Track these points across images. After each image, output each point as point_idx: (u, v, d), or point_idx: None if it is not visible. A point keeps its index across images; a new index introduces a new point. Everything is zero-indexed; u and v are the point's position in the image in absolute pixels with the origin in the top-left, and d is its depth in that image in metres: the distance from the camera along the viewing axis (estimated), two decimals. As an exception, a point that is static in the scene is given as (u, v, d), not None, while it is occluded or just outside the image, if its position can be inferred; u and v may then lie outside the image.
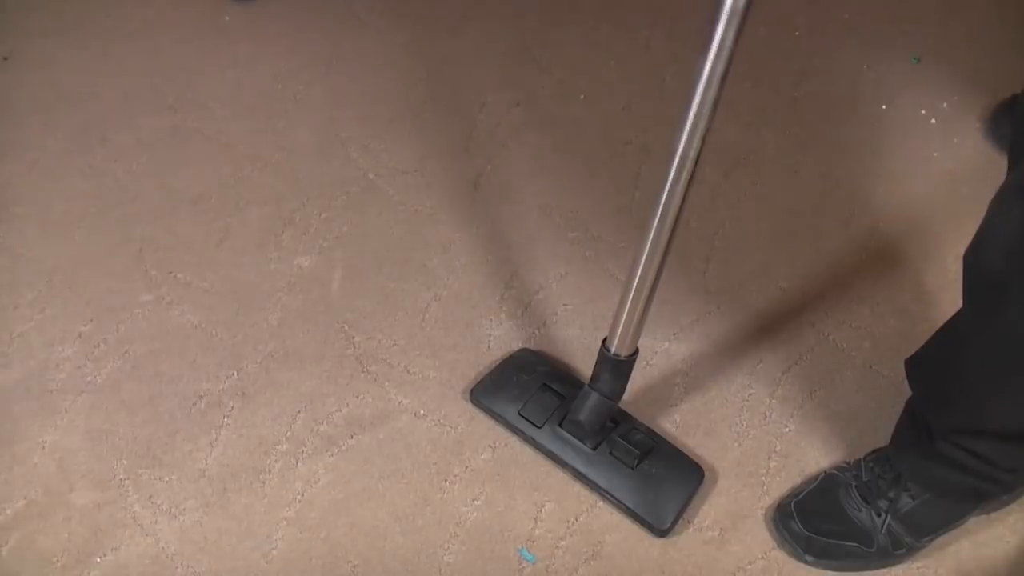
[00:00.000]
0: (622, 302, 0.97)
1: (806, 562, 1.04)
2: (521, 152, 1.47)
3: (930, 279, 1.29)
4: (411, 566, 1.03)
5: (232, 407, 1.16)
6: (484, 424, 1.15)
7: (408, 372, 1.20)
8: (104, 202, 1.38)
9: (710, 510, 1.08)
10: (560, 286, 1.29)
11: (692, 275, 1.29)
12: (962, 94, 1.55)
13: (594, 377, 1.07)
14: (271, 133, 1.49)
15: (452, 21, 1.69)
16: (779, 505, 1.07)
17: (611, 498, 1.08)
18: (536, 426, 1.12)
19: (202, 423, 1.14)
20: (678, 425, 1.15)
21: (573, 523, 1.07)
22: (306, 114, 1.52)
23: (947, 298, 1.26)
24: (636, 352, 1.04)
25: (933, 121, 1.51)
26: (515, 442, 1.13)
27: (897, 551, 1.03)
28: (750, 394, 1.19)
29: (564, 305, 1.27)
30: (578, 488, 1.10)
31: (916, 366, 1.01)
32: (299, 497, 1.08)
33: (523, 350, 1.22)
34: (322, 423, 1.15)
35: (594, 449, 1.10)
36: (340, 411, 1.16)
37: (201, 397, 1.17)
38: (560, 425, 1.11)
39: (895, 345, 1.22)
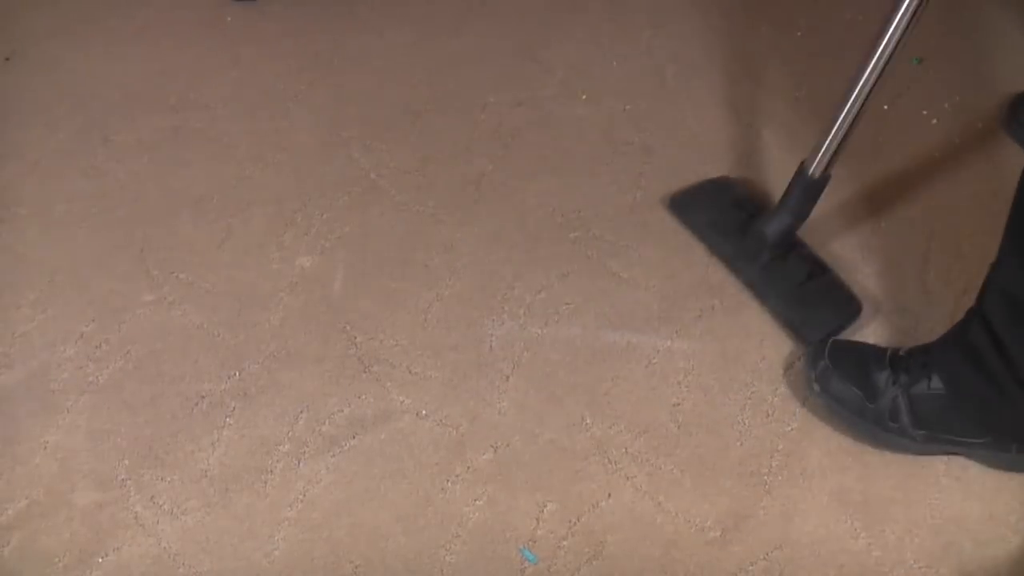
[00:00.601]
0: (829, 125, 1.11)
1: (812, 390, 1.13)
2: (523, 152, 1.47)
3: (932, 278, 1.29)
4: (413, 566, 1.03)
5: (234, 407, 1.16)
6: (486, 424, 1.15)
7: (410, 372, 1.20)
8: (106, 202, 1.38)
9: (712, 510, 1.08)
10: (562, 285, 1.29)
11: (695, 270, 1.29)
12: (964, 94, 1.55)
13: (785, 196, 1.19)
14: (273, 133, 1.49)
15: (454, 21, 1.69)
16: (821, 340, 1.16)
17: (771, 306, 1.22)
18: (721, 236, 1.28)
19: (204, 423, 1.14)
20: (681, 422, 1.15)
21: (575, 523, 1.07)
22: (308, 114, 1.52)
23: (950, 297, 1.26)
24: (828, 177, 1.16)
25: (935, 121, 1.51)
26: (517, 442, 1.13)
27: (892, 422, 1.08)
28: (752, 392, 1.18)
29: (566, 304, 1.27)
30: (580, 488, 1.09)
31: None
32: (301, 497, 1.08)
33: (722, 177, 1.37)
34: (324, 423, 1.15)
35: (769, 262, 1.22)
36: (342, 411, 1.16)
37: (203, 397, 1.17)
38: (743, 237, 1.24)
39: (897, 344, 1.21)
